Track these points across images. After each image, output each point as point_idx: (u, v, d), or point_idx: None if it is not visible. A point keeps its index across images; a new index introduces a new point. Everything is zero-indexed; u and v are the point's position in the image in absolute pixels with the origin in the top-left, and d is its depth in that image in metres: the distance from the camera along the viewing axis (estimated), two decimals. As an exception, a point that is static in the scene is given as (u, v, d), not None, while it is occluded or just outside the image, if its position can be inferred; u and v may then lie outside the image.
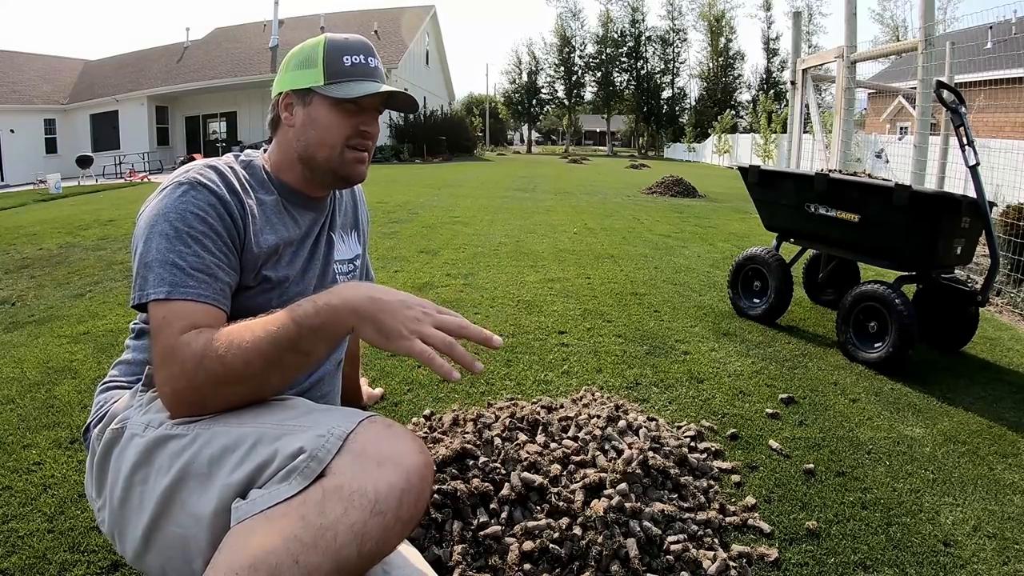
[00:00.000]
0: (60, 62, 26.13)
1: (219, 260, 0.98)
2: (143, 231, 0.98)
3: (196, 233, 0.96)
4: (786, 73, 32.25)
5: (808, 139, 6.81)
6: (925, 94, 4.41)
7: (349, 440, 0.81)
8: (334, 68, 1.08)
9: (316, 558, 0.73)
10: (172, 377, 0.88)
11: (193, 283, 0.94)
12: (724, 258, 4.82)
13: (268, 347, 0.86)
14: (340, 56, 1.09)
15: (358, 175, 1.15)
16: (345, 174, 1.13)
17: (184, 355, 0.87)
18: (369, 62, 1.11)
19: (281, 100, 1.12)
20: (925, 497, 1.68)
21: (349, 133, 1.10)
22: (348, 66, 1.09)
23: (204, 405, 0.90)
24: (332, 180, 1.15)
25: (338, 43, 1.11)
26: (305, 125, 1.10)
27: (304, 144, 1.11)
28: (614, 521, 1.32)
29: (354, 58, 1.10)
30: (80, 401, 2.10)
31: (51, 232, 5.96)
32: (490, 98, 51.50)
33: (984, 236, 2.81)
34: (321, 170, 1.13)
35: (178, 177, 1.02)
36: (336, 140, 1.10)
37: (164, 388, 0.90)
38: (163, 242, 0.95)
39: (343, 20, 26.27)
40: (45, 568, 1.29)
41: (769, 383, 2.42)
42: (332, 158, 1.11)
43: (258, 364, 0.86)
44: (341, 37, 1.12)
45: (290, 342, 0.86)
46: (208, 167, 1.05)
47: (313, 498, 0.77)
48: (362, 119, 1.11)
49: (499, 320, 3.09)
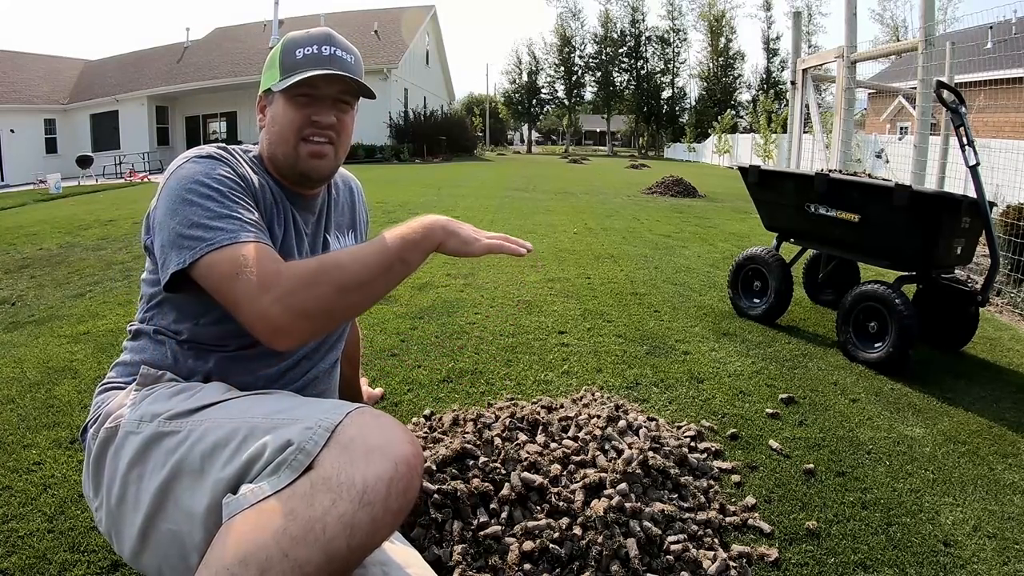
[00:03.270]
0: (60, 62, 26.12)
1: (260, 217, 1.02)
2: (170, 203, 0.97)
3: (238, 192, 1.01)
4: (786, 73, 32.28)
5: (808, 139, 6.80)
6: (925, 94, 4.41)
7: (337, 432, 0.81)
8: (287, 62, 1.09)
9: (306, 551, 0.74)
10: (286, 293, 0.90)
11: (253, 228, 0.97)
12: (724, 258, 4.82)
13: (382, 256, 0.97)
14: (293, 50, 1.09)
15: (316, 170, 1.11)
16: (303, 169, 1.10)
17: (297, 270, 0.92)
18: (323, 50, 1.09)
19: (257, 104, 1.16)
20: (925, 497, 1.68)
21: (300, 124, 1.08)
22: (299, 58, 1.08)
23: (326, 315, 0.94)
24: (296, 178, 1.13)
25: (294, 39, 1.12)
26: (270, 125, 1.12)
27: (268, 143, 1.13)
28: (614, 521, 1.32)
29: (306, 49, 1.09)
30: (80, 401, 2.10)
31: (51, 232, 5.96)
32: (490, 98, 51.50)
33: (984, 236, 2.81)
34: (284, 168, 1.12)
35: (192, 153, 1.04)
36: (289, 133, 1.09)
37: (274, 308, 0.89)
38: (208, 202, 0.96)
39: (343, 20, 26.24)
40: (45, 568, 1.29)
41: (769, 383, 2.42)
42: (289, 154, 1.10)
43: (376, 270, 0.96)
44: (300, 33, 1.13)
45: (399, 251, 0.98)
46: (217, 147, 1.07)
47: (301, 491, 0.77)
48: (313, 109, 1.08)
49: (499, 320, 3.09)
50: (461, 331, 2.91)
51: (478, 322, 3.05)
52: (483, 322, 3.05)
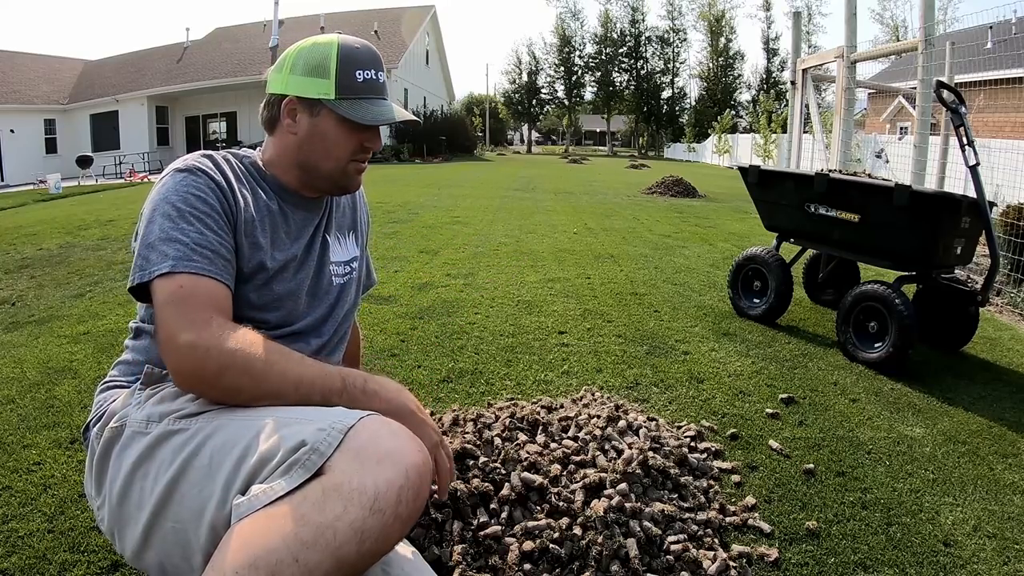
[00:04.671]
0: (60, 62, 26.12)
1: (221, 239, 1.00)
2: (145, 216, 1.00)
3: (199, 213, 0.99)
4: (786, 73, 32.25)
5: (808, 139, 6.81)
6: (925, 94, 4.41)
7: (349, 436, 0.81)
8: (346, 82, 1.07)
9: (316, 556, 0.74)
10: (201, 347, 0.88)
11: (198, 258, 0.95)
12: (724, 258, 4.82)
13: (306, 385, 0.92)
14: (353, 71, 1.07)
15: (355, 185, 1.19)
16: (344, 185, 1.17)
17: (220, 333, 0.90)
18: (379, 77, 1.11)
19: (284, 104, 1.09)
20: (925, 497, 1.68)
21: (355, 149, 1.12)
22: (361, 82, 1.08)
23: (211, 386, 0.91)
24: (329, 188, 1.18)
25: (351, 54, 1.08)
26: (312, 136, 1.10)
27: (307, 154, 1.12)
28: (614, 521, 1.32)
29: (366, 73, 1.09)
30: (80, 401, 2.10)
31: (51, 232, 5.96)
32: (490, 98, 51.49)
33: (984, 236, 2.81)
34: (321, 179, 1.15)
35: (176, 165, 1.04)
36: (343, 155, 1.12)
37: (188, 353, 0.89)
38: (166, 222, 0.97)
39: (343, 20, 26.27)
40: (45, 568, 1.29)
41: (769, 383, 2.42)
42: (335, 171, 1.13)
43: (289, 392, 0.91)
44: (353, 45, 1.10)
45: (328, 392, 0.93)
46: (204, 156, 1.07)
47: (313, 496, 0.77)
48: (367, 135, 1.12)
49: (499, 320, 3.09)
50: (461, 331, 2.91)
51: (478, 322, 3.05)
52: (483, 322, 3.05)
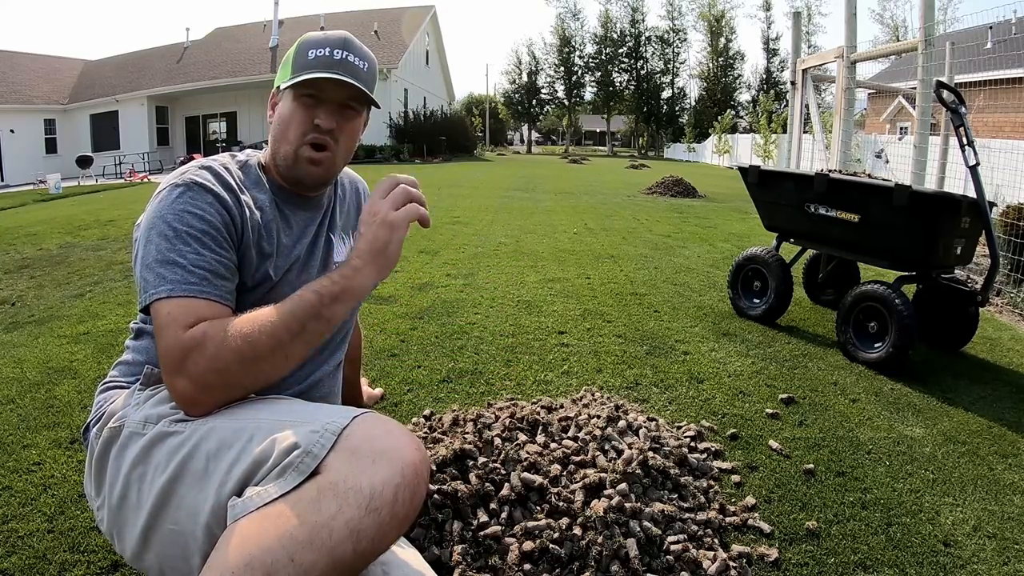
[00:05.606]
0: (60, 62, 26.11)
1: (220, 257, 0.98)
2: (143, 235, 0.99)
3: (196, 232, 0.97)
4: (786, 73, 32.28)
5: (808, 139, 6.81)
6: (925, 94, 4.42)
7: (343, 436, 0.81)
8: (299, 62, 1.08)
9: (312, 556, 0.73)
10: (193, 366, 0.88)
11: (195, 280, 0.94)
12: (724, 258, 4.82)
13: (291, 319, 0.91)
14: (307, 51, 1.09)
15: (310, 176, 1.10)
16: (297, 173, 1.10)
17: (201, 342, 0.88)
18: (335, 54, 1.08)
19: (269, 102, 1.16)
20: (925, 497, 1.68)
21: (305, 127, 1.07)
22: (311, 59, 1.08)
23: (229, 388, 0.90)
24: (291, 180, 1.12)
25: (310, 39, 1.11)
26: (275, 123, 1.12)
27: (272, 140, 1.12)
28: (614, 521, 1.32)
29: (319, 51, 1.08)
30: (80, 401, 2.10)
31: (51, 232, 5.96)
32: (490, 98, 51.50)
33: (984, 236, 2.81)
34: (282, 168, 1.12)
35: (174, 179, 1.02)
36: (292, 134, 1.08)
37: (180, 381, 0.88)
38: (163, 243, 0.95)
39: (343, 20, 26.25)
40: (45, 568, 1.29)
41: (769, 383, 2.42)
42: (288, 154, 1.09)
43: (284, 336, 0.90)
44: (318, 34, 1.12)
45: (312, 309, 0.92)
46: (203, 168, 1.05)
47: (308, 496, 0.77)
48: (318, 112, 1.07)
49: (499, 320, 3.09)
50: (461, 331, 2.91)
51: (478, 322, 3.05)
52: (483, 322, 3.05)
